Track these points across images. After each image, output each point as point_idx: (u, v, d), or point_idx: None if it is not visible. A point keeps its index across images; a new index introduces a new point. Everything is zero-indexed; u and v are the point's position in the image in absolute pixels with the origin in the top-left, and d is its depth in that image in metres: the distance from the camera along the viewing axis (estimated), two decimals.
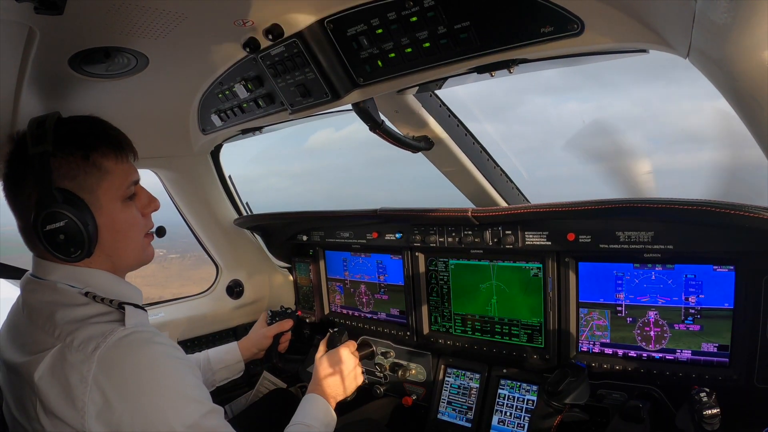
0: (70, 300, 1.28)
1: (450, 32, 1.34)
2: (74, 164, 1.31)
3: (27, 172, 1.29)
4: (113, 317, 1.26)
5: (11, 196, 1.35)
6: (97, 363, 1.15)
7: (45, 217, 1.24)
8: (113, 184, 1.36)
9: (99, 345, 1.17)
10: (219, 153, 2.80)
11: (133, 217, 1.42)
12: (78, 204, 1.28)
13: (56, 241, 1.25)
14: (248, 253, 3.01)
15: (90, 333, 1.19)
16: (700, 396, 1.43)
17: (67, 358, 1.17)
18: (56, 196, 1.25)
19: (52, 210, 1.24)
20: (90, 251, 1.30)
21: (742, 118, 0.97)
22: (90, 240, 1.29)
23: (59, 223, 1.24)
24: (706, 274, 1.68)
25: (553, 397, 1.67)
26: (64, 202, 1.26)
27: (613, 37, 1.19)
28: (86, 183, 1.32)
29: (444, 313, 2.35)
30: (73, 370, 1.15)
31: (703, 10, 0.81)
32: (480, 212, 2.04)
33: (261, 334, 2.34)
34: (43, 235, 1.25)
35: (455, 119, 2.20)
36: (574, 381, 1.66)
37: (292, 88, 1.73)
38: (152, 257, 1.52)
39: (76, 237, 1.26)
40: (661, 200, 1.60)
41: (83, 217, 1.27)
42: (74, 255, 1.28)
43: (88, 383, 1.14)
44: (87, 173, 1.32)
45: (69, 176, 1.30)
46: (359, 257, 2.65)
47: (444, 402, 2.32)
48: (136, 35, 1.45)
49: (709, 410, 1.40)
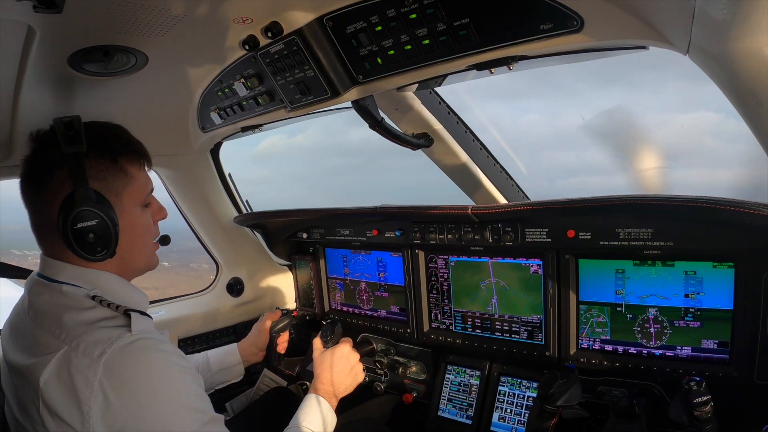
0: (77, 303, 1.29)
1: (449, 29, 1.34)
2: (104, 167, 1.35)
3: (55, 170, 1.30)
4: (119, 322, 1.27)
5: (32, 193, 1.37)
6: (103, 368, 1.16)
7: (77, 215, 1.26)
8: (136, 189, 1.41)
9: (105, 350, 1.18)
10: (219, 151, 2.80)
11: (149, 222, 1.48)
12: (107, 205, 1.32)
13: (85, 239, 1.28)
14: (248, 250, 3.02)
15: (96, 337, 1.20)
16: (690, 385, 1.45)
17: (73, 362, 1.17)
18: (91, 195, 1.28)
19: (86, 209, 1.27)
20: (114, 252, 1.33)
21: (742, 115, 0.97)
22: (116, 241, 1.33)
23: (91, 222, 1.27)
24: (706, 271, 1.68)
25: (545, 401, 1.68)
26: (96, 201, 1.29)
27: (613, 34, 1.19)
28: (113, 186, 1.36)
29: (444, 311, 2.35)
30: (78, 374, 1.16)
31: (702, 6, 0.81)
32: (480, 209, 2.04)
33: (257, 330, 2.36)
34: (72, 233, 1.27)
35: (455, 116, 2.20)
36: (564, 383, 1.67)
37: (291, 85, 1.73)
38: (157, 264, 1.55)
39: (104, 236, 1.30)
40: (661, 197, 1.60)
41: (113, 218, 1.32)
42: (100, 254, 1.31)
43: (94, 387, 1.15)
44: (115, 177, 1.37)
45: (99, 178, 1.33)
46: (359, 255, 2.65)
47: (444, 399, 2.33)
48: (136, 33, 1.45)
49: (699, 398, 1.42)
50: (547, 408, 1.68)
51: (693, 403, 1.43)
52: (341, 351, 2.03)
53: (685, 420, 1.46)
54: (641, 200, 1.63)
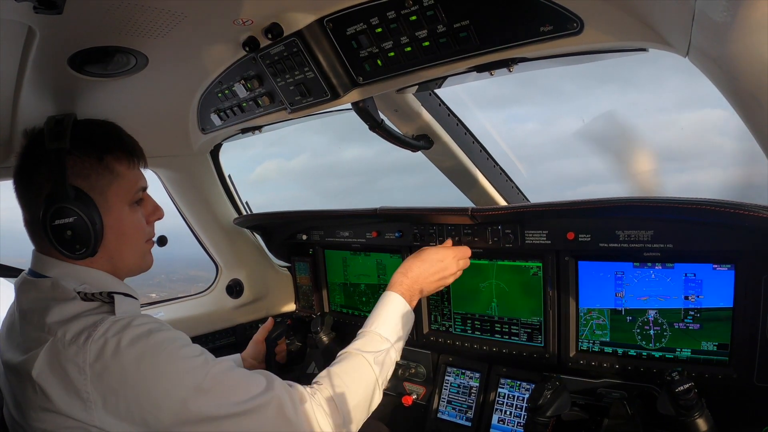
0: (62, 296, 1.29)
1: (449, 31, 1.34)
2: (88, 164, 1.35)
3: (41, 166, 1.31)
4: (103, 310, 1.27)
5: (22, 188, 1.38)
6: (91, 352, 1.16)
7: (55, 211, 1.26)
8: (123, 187, 1.40)
9: (91, 334, 1.18)
10: (219, 152, 2.80)
11: (139, 221, 1.46)
12: (88, 202, 1.31)
13: (63, 236, 1.28)
14: (248, 252, 3.01)
15: (81, 325, 1.21)
16: (672, 376, 1.49)
17: (61, 352, 1.17)
18: (69, 192, 1.28)
19: (63, 205, 1.27)
20: (94, 250, 1.33)
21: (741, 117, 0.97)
22: (96, 239, 1.32)
23: (68, 219, 1.27)
24: (706, 272, 1.68)
25: (535, 414, 1.69)
26: (76, 198, 1.29)
27: (613, 36, 1.19)
28: (97, 184, 1.35)
29: (444, 312, 2.35)
30: (69, 363, 1.16)
31: (702, 8, 0.81)
32: (479, 211, 2.04)
33: (253, 344, 2.34)
34: (50, 229, 1.27)
35: (455, 118, 2.21)
36: (551, 393, 1.68)
37: (291, 87, 1.73)
38: (151, 265, 1.55)
39: (82, 234, 1.29)
40: (660, 198, 1.60)
41: (92, 216, 1.31)
42: (78, 252, 1.30)
43: (87, 373, 1.15)
44: (99, 174, 1.36)
45: (82, 175, 1.33)
46: (359, 257, 2.65)
47: (444, 401, 2.32)
48: (136, 34, 1.45)
49: (680, 386, 1.46)
50: (539, 420, 1.69)
51: (676, 392, 1.45)
52: (445, 252, 1.91)
53: (671, 411, 1.49)
54: (641, 202, 1.63)
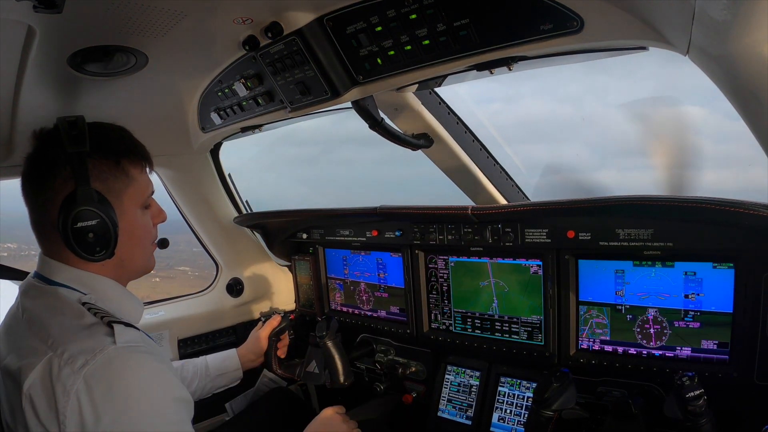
0: (68, 309, 1.28)
1: (449, 30, 1.34)
2: (106, 167, 1.36)
3: (59, 168, 1.31)
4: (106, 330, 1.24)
5: (33, 191, 1.36)
6: (83, 380, 1.14)
7: (77, 214, 1.26)
8: (137, 191, 1.42)
9: (87, 361, 1.15)
10: (219, 151, 2.80)
11: (148, 224, 1.48)
12: (107, 205, 1.33)
13: (85, 239, 1.28)
14: (248, 251, 3.02)
15: (81, 346, 1.18)
16: (683, 380, 1.47)
17: (55, 370, 1.16)
18: (93, 195, 1.29)
19: (87, 208, 1.28)
20: (113, 252, 1.34)
21: (741, 115, 0.97)
22: (115, 241, 1.33)
23: (91, 222, 1.28)
24: (706, 271, 1.68)
25: (541, 406, 1.69)
26: (98, 201, 1.30)
27: (613, 35, 1.19)
28: (114, 187, 1.37)
29: (444, 311, 2.35)
30: (58, 382, 1.15)
31: (702, 7, 0.81)
32: (480, 210, 2.04)
33: (255, 338, 2.35)
34: (72, 232, 1.27)
35: (454, 116, 2.21)
36: (558, 387, 1.68)
37: (291, 86, 1.73)
38: (153, 266, 1.56)
39: (104, 237, 1.30)
40: (661, 197, 1.60)
41: (113, 218, 1.32)
42: (98, 254, 1.31)
43: (70, 397, 1.13)
44: (116, 178, 1.38)
45: (100, 178, 1.34)
46: (359, 255, 2.65)
47: (444, 399, 2.33)
48: (136, 33, 1.45)
49: (691, 392, 1.44)
50: (544, 413, 1.69)
51: (686, 397, 1.44)
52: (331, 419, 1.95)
53: (679, 415, 1.48)
54: (641, 200, 1.63)
